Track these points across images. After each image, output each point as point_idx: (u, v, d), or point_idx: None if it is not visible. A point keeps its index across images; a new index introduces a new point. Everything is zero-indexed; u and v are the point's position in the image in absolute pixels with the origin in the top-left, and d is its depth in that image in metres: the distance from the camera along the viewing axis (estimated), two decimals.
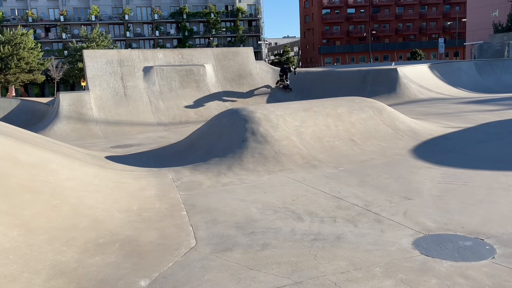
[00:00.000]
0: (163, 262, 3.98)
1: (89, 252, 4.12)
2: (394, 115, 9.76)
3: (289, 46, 78.19)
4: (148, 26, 67.43)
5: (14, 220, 4.25)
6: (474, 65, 23.58)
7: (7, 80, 47.43)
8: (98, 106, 15.89)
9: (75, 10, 64.01)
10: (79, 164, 6.74)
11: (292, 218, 4.99)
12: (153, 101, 16.97)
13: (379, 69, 20.53)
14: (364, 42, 78.78)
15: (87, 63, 16.72)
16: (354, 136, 8.66)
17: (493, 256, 3.79)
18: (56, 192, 5.15)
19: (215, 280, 3.59)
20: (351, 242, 4.23)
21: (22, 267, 3.67)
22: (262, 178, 6.84)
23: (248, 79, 19.43)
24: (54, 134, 13.70)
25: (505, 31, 41.37)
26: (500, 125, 10.13)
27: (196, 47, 62.15)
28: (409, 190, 5.85)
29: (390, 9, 79.22)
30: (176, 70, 18.04)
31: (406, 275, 3.52)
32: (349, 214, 5.02)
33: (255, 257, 3.99)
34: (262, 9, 72.30)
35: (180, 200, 5.87)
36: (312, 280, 3.50)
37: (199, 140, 9.00)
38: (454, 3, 79.27)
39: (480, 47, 31.18)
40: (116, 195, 5.86)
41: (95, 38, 52.98)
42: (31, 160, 5.68)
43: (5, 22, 58.57)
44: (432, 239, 4.23)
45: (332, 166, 7.37)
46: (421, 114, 12.46)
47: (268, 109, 8.91)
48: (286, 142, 8.02)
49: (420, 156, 7.78)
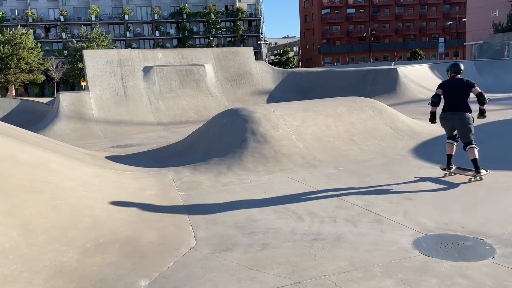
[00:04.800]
0: (163, 262, 3.98)
1: (89, 252, 4.12)
2: (394, 115, 9.76)
3: (289, 46, 78.13)
4: (148, 26, 67.40)
5: (14, 220, 4.25)
6: (474, 65, 23.59)
7: (7, 80, 47.40)
8: (98, 106, 15.90)
9: (75, 10, 63.98)
10: (79, 164, 6.74)
11: (292, 218, 4.99)
12: (153, 101, 16.97)
13: (379, 69, 20.55)
14: (364, 42, 78.76)
15: (87, 63, 16.72)
16: (354, 136, 8.66)
17: (493, 256, 3.79)
18: (56, 192, 5.15)
19: (215, 280, 3.59)
20: (351, 242, 4.23)
21: (22, 267, 3.66)
22: (262, 178, 6.84)
23: (248, 79, 19.43)
24: (54, 134, 13.70)
25: (505, 31, 41.37)
26: (500, 125, 10.12)
27: (196, 47, 62.13)
28: (409, 190, 5.85)
29: (390, 9, 79.17)
30: (176, 70, 18.04)
31: (406, 275, 3.52)
32: (349, 214, 5.02)
33: (255, 257, 3.99)
34: (262, 9, 72.27)
35: (180, 200, 5.87)
36: (312, 280, 3.50)
37: (199, 140, 9.00)
38: (454, 3, 79.23)
39: (480, 47, 31.20)
40: (116, 195, 5.86)
41: (95, 38, 52.93)
42: (31, 160, 5.68)
43: (5, 22, 58.54)
44: (432, 239, 4.23)
45: (332, 166, 7.37)
46: (421, 114, 12.45)
47: (268, 109, 8.91)
48: (286, 142, 8.02)
49: (420, 156, 7.78)
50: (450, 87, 6.40)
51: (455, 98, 6.29)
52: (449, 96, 6.36)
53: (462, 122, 6.26)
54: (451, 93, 6.34)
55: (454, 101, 6.30)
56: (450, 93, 6.35)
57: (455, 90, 6.31)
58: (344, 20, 78.65)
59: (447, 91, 6.40)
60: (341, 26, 79.05)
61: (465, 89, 6.25)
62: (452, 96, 6.32)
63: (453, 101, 6.31)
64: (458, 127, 6.34)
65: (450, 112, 6.34)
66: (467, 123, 6.25)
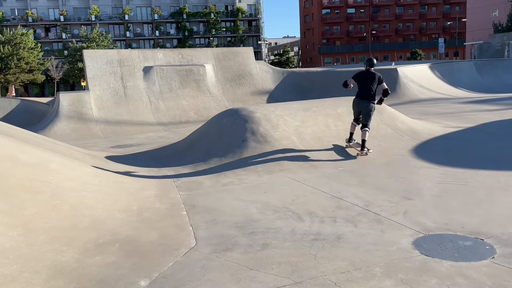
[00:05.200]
0: (163, 262, 3.97)
1: (89, 252, 4.12)
2: (394, 115, 9.76)
3: (289, 46, 78.11)
4: (148, 26, 67.39)
5: (14, 220, 4.25)
6: (474, 65, 23.59)
7: (7, 80, 47.40)
8: (98, 106, 15.90)
9: (75, 10, 63.96)
10: (79, 164, 6.74)
11: (292, 218, 4.99)
12: (153, 101, 16.97)
13: (379, 69, 20.51)
14: (364, 42, 78.74)
15: (87, 63, 16.71)
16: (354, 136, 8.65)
17: (493, 256, 3.79)
18: (56, 192, 5.15)
19: (215, 280, 3.59)
20: (351, 242, 4.23)
21: (22, 267, 3.66)
22: (262, 178, 6.84)
23: (248, 79, 19.43)
24: (54, 134, 13.70)
25: (505, 31, 41.35)
26: (500, 125, 10.13)
27: (196, 47, 62.11)
28: (409, 190, 5.85)
29: (390, 9, 79.16)
30: (176, 70, 18.04)
31: (406, 275, 3.52)
32: (349, 214, 5.02)
33: (255, 257, 3.99)
34: (262, 9, 72.25)
35: (180, 200, 5.87)
36: (312, 280, 3.50)
37: (199, 140, 9.00)
38: (454, 3, 79.20)
39: (480, 47, 31.19)
40: (116, 195, 5.86)
41: (95, 38, 52.93)
42: (31, 160, 5.68)
43: (5, 22, 58.53)
44: (432, 239, 4.23)
45: (332, 166, 7.37)
46: (421, 114, 12.46)
47: (268, 109, 8.91)
48: (286, 142, 8.02)
49: (420, 156, 7.78)
50: (362, 78, 7.82)
51: (365, 89, 7.75)
52: (360, 86, 7.82)
53: (366, 108, 7.81)
54: (362, 83, 7.79)
55: (363, 90, 7.77)
56: (362, 83, 7.80)
57: (365, 82, 7.76)
58: (344, 20, 78.63)
59: (359, 81, 7.83)
60: (341, 26, 79.03)
61: (374, 83, 7.73)
62: (363, 86, 7.78)
63: (362, 91, 7.79)
64: (362, 112, 7.86)
65: (359, 99, 7.87)
66: (369, 110, 7.80)
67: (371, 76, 7.73)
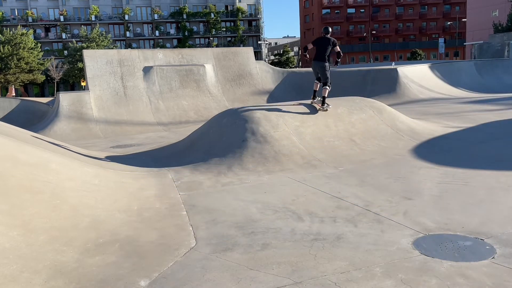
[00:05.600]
0: (163, 262, 3.97)
1: (89, 252, 4.12)
2: (394, 115, 9.76)
3: (289, 46, 78.14)
4: (148, 26, 67.41)
5: (14, 220, 4.25)
6: (474, 65, 23.58)
7: (7, 80, 47.42)
8: (98, 106, 15.89)
9: (75, 10, 63.99)
10: (79, 164, 6.74)
11: (292, 218, 4.99)
12: (153, 101, 16.97)
13: (379, 69, 20.54)
14: (364, 42, 78.76)
15: (87, 63, 16.71)
16: (354, 136, 8.66)
17: (493, 256, 3.79)
18: (56, 192, 5.15)
19: (215, 280, 3.59)
20: (351, 242, 4.23)
21: (22, 267, 3.66)
22: (262, 178, 6.84)
23: (248, 79, 19.42)
24: (54, 134, 13.70)
25: (505, 31, 41.35)
26: (500, 125, 10.13)
27: (196, 47, 62.12)
28: (409, 190, 5.85)
29: (390, 9, 79.18)
30: (176, 70, 18.03)
31: (406, 275, 3.52)
32: (349, 214, 5.02)
33: (255, 257, 3.99)
34: (262, 9, 72.28)
35: (180, 200, 5.87)
36: (312, 280, 3.50)
37: (199, 140, 8.99)
38: (454, 3, 79.23)
39: (480, 47, 31.19)
40: (116, 195, 5.86)
41: (95, 38, 52.95)
42: (31, 160, 5.68)
43: (5, 22, 58.55)
44: (432, 239, 4.23)
45: (332, 166, 7.37)
46: (421, 114, 12.46)
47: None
48: (286, 142, 8.02)
49: (420, 156, 7.78)
50: (318, 43, 9.17)
51: (320, 51, 9.11)
52: (317, 50, 9.16)
53: (320, 68, 9.21)
54: (318, 47, 9.14)
55: (319, 53, 9.13)
56: (318, 47, 9.15)
57: (320, 46, 9.11)
58: (344, 20, 78.65)
59: (316, 45, 9.18)
60: (341, 26, 79.03)
61: (327, 46, 9.03)
62: (319, 49, 9.13)
63: (318, 53, 9.15)
64: (319, 71, 9.29)
65: (315, 60, 9.25)
66: (324, 69, 9.16)
67: (326, 41, 9.07)
